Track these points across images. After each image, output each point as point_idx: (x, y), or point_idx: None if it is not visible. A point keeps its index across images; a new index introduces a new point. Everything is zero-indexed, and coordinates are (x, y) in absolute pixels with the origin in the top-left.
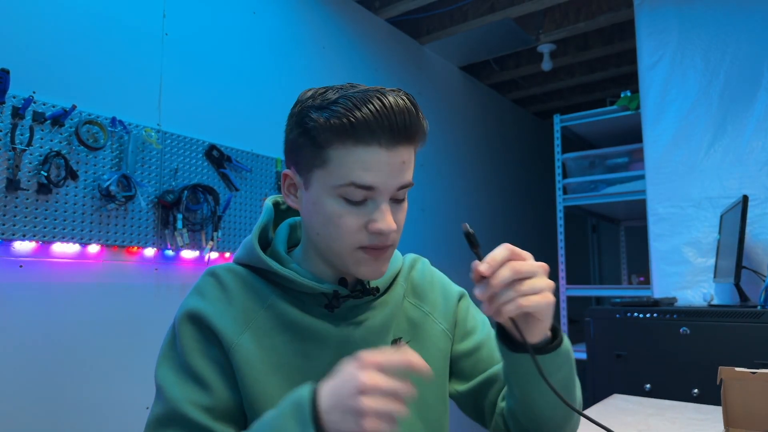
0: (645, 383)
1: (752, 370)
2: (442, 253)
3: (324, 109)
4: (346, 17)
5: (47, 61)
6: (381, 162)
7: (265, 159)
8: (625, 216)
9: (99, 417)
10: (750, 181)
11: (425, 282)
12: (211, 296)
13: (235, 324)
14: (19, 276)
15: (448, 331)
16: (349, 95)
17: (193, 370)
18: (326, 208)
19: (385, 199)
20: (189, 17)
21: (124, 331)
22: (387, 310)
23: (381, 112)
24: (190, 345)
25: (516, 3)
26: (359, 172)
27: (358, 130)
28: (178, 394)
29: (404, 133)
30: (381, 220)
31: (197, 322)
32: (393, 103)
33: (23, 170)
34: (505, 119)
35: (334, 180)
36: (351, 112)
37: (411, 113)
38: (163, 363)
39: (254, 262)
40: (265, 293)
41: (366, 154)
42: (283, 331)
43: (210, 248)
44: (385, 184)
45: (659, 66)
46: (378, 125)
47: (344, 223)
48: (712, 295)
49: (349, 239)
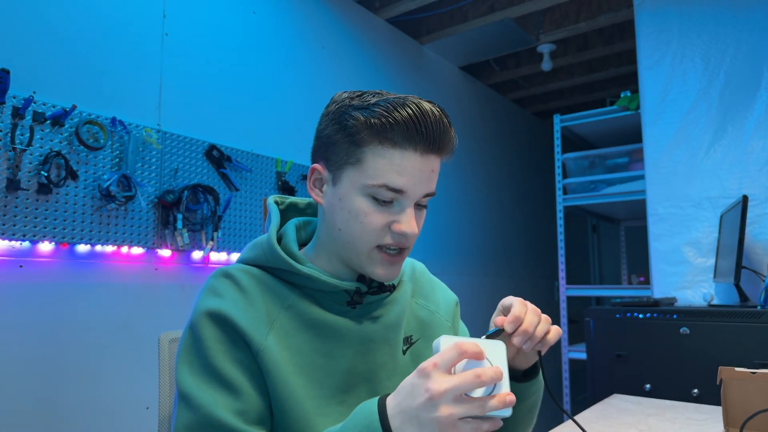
0: (645, 383)
1: (752, 370)
2: (442, 253)
3: (364, 109)
4: (346, 17)
5: (47, 61)
6: (414, 168)
7: (265, 159)
8: (625, 216)
9: (99, 417)
10: (750, 181)
11: (427, 284)
12: (230, 297)
13: (260, 325)
14: (19, 276)
15: (451, 331)
16: (390, 99)
17: (220, 374)
18: (354, 205)
19: (411, 203)
20: (189, 17)
21: (124, 331)
22: (398, 306)
23: (419, 118)
24: (214, 347)
25: (516, 3)
26: (393, 175)
27: (396, 132)
28: (209, 399)
29: (438, 142)
30: (405, 222)
31: (220, 323)
32: (430, 112)
33: (23, 170)
34: (505, 119)
35: (366, 179)
36: (391, 114)
37: (444, 124)
38: (184, 369)
39: (272, 263)
40: (284, 293)
41: (402, 158)
42: (305, 331)
43: (210, 248)
44: (415, 189)
45: (659, 66)
46: (416, 131)
47: (369, 221)
48: (712, 295)
49: (371, 236)
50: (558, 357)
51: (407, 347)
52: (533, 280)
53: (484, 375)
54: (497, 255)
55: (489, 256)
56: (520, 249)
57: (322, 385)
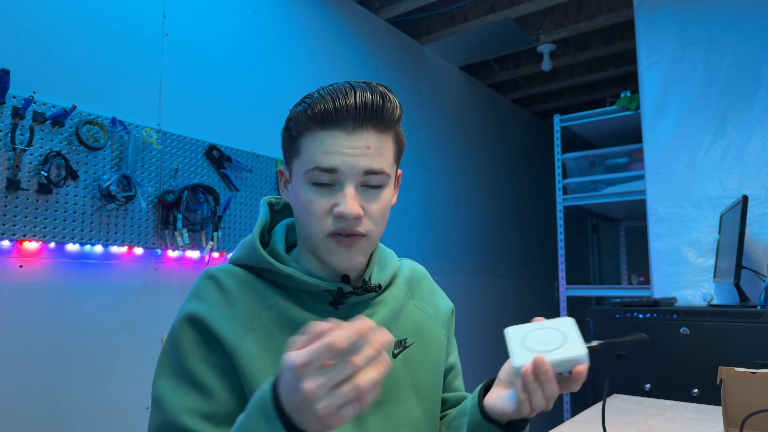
0: (645, 383)
1: (752, 370)
2: (442, 253)
3: (300, 104)
4: (346, 17)
5: (47, 61)
6: (343, 145)
7: (265, 159)
8: (625, 216)
9: (99, 417)
10: (750, 181)
11: (427, 288)
12: (210, 299)
13: (236, 327)
14: (19, 276)
15: (446, 339)
16: (324, 88)
17: (192, 376)
18: (300, 195)
19: (350, 183)
20: (189, 17)
21: (124, 331)
22: (387, 308)
23: (342, 99)
24: (190, 350)
25: (516, 3)
26: (322, 155)
27: (319, 116)
28: (175, 403)
29: (366, 117)
30: (343, 203)
31: (197, 326)
32: (358, 92)
33: (23, 170)
34: (505, 119)
35: (303, 166)
36: (317, 102)
37: (375, 101)
38: (160, 372)
39: (255, 262)
40: (266, 294)
41: (327, 138)
42: (286, 331)
43: (210, 248)
44: (348, 167)
45: (659, 66)
46: (338, 110)
47: (313, 208)
48: (712, 295)
49: (319, 224)
50: None
51: (399, 350)
52: (533, 280)
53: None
54: (497, 255)
55: (489, 256)
56: (520, 249)
57: None
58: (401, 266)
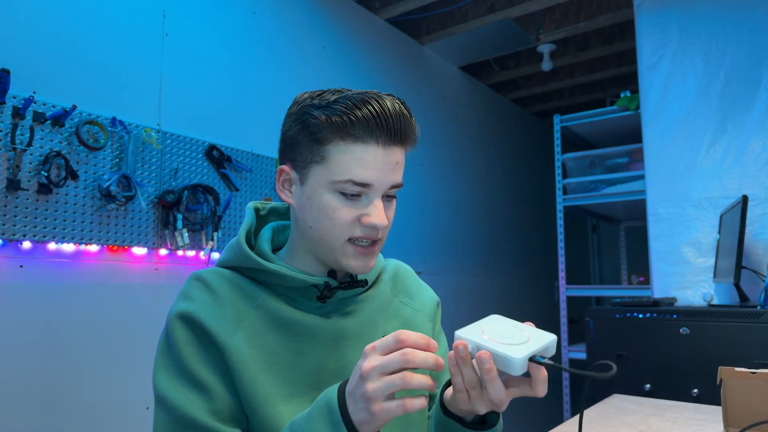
0: (645, 383)
1: (752, 370)
2: (442, 253)
3: (325, 108)
4: (346, 17)
5: (47, 61)
6: (378, 161)
7: (265, 159)
8: (625, 216)
9: (99, 417)
10: (750, 181)
11: (412, 283)
12: (200, 300)
13: (226, 325)
14: (19, 276)
15: (432, 331)
16: (349, 96)
17: (192, 375)
18: (322, 201)
19: (378, 196)
20: (189, 17)
21: (124, 331)
22: (374, 303)
23: (379, 113)
24: (185, 349)
25: (516, 3)
26: (358, 169)
27: (357, 128)
28: (183, 400)
29: (399, 134)
30: (375, 214)
31: (189, 324)
32: (390, 106)
33: (23, 170)
34: (505, 119)
35: (332, 175)
36: (351, 111)
37: (405, 116)
38: (160, 372)
39: (241, 262)
40: (254, 293)
41: (365, 152)
42: (274, 330)
43: (210, 248)
44: (380, 182)
45: (659, 66)
46: (376, 125)
47: (339, 216)
48: (712, 295)
49: (342, 231)
50: (558, 357)
51: None
52: (533, 280)
53: (412, 355)
54: (497, 255)
55: (489, 256)
56: (520, 249)
57: (292, 383)
58: (386, 265)
